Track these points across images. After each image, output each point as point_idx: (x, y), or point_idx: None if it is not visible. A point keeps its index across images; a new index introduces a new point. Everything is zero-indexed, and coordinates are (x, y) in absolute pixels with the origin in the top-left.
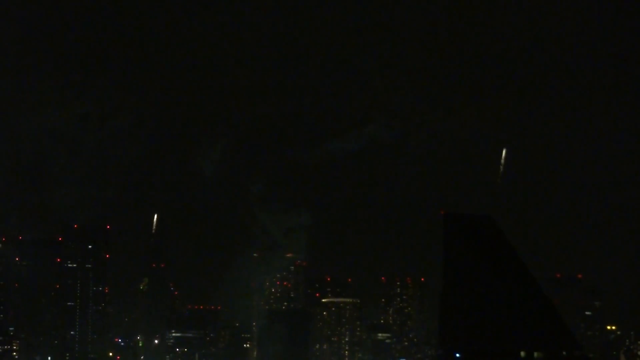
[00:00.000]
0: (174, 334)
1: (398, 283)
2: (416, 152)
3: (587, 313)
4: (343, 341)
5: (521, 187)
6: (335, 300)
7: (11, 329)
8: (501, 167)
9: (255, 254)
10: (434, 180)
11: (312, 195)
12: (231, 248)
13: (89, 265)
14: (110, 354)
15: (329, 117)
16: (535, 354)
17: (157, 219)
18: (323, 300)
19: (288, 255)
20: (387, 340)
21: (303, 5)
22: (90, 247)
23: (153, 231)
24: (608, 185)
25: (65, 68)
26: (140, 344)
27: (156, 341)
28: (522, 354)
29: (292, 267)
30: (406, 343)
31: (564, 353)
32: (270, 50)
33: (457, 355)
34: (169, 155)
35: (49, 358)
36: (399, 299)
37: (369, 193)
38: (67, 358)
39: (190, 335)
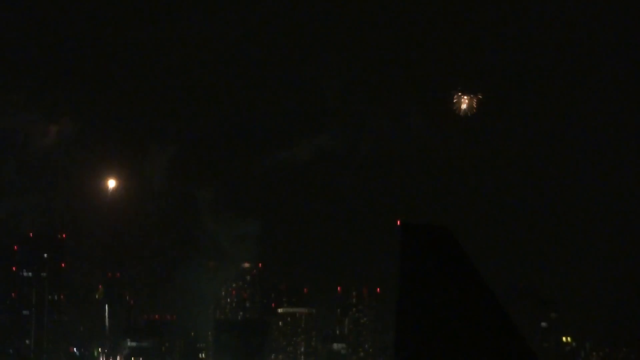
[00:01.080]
0: (129, 344)
1: (354, 293)
2: (367, 161)
3: (543, 324)
4: (299, 351)
5: (478, 197)
6: (291, 310)
7: None
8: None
9: (211, 264)
10: (389, 190)
11: (262, 205)
12: (186, 257)
13: (45, 274)
14: None
15: (279, 126)
16: None
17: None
18: (279, 310)
19: (244, 265)
20: (343, 351)
21: (251, 14)
22: (45, 255)
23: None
24: (563, 196)
25: (12, 73)
26: (95, 354)
27: (107, 350)
28: None
29: (248, 277)
30: (362, 354)
31: None
32: (220, 57)
33: None
34: (118, 161)
35: None
36: (354, 309)
37: (324, 202)
38: None
39: (145, 344)
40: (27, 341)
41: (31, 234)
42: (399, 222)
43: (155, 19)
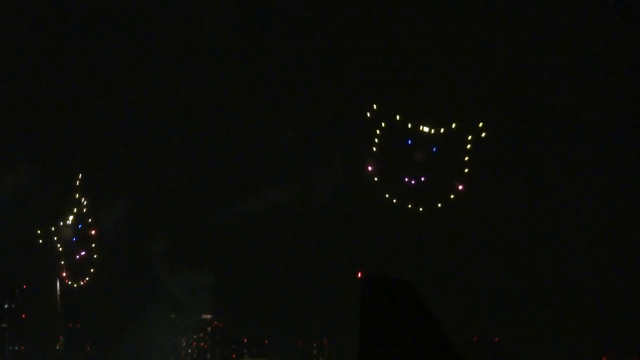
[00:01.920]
0: None
1: (314, 345)
2: (322, 213)
3: None
4: None
5: (438, 251)
6: None
7: None
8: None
9: (172, 315)
10: (347, 242)
11: (219, 257)
12: (145, 309)
13: (5, 325)
14: None
15: (231, 179)
16: None
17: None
18: None
19: (205, 316)
20: None
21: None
22: (5, 306)
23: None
24: (521, 248)
25: None
26: None
27: None
28: None
29: (209, 328)
30: None
31: None
32: (175, 109)
33: None
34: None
35: None
36: None
37: (283, 254)
38: None
39: None
40: None
41: None
42: (359, 274)
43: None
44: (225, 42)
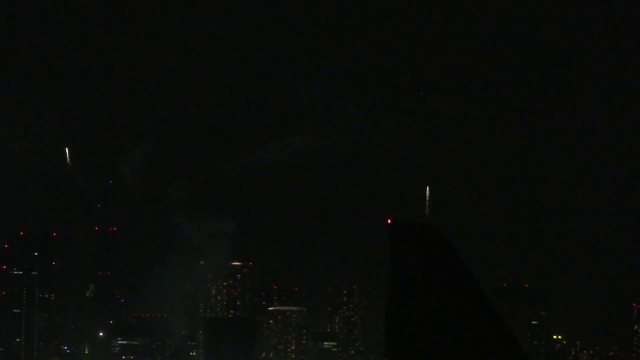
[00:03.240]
0: (120, 342)
1: (344, 291)
2: (343, 161)
3: (534, 322)
4: (289, 349)
5: (467, 196)
6: (282, 308)
7: None
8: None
9: (202, 262)
10: (374, 188)
11: (237, 203)
12: (167, 256)
13: (35, 273)
14: None
15: (251, 126)
16: None
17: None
18: (269, 308)
19: (234, 263)
20: (334, 349)
21: (229, 15)
22: (36, 254)
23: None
24: (552, 193)
25: None
26: (86, 352)
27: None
28: None
29: (239, 276)
30: (352, 352)
31: None
32: (197, 58)
33: None
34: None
35: None
36: (345, 307)
37: (310, 201)
38: None
39: (136, 342)
40: (17, 339)
41: (22, 232)
42: (389, 221)
43: (136, 21)
44: None
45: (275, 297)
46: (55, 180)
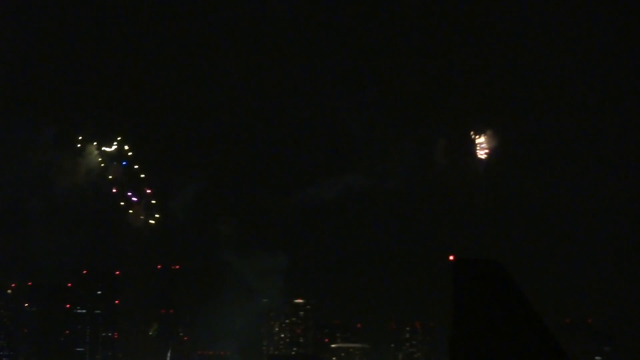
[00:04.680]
0: None
1: (407, 328)
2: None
3: (597, 358)
4: None
5: (529, 232)
6: (345, 345)
7: None
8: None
9: (265, 300)
10: (434, 225)
11: (290, 240)
12: (244, 294)
13: (98, 311)
14: None
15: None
16: None
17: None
18: (332, 345)
19: (297, 300)
20: None
21: (282, 49)
22: (99, 292)
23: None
24: (617, 230)
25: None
26: None
27: None
28: None
29: (301, 313)
30: None
31: None
32: (250, 95)
33: None
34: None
35: None
36: (408, 344)
37: (362, 237)
38: None
39: None
40: None
41: (85, 270)
42: (451, 258)
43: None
44: (296, 24)
45: (338, 334)
46: (107, 218)
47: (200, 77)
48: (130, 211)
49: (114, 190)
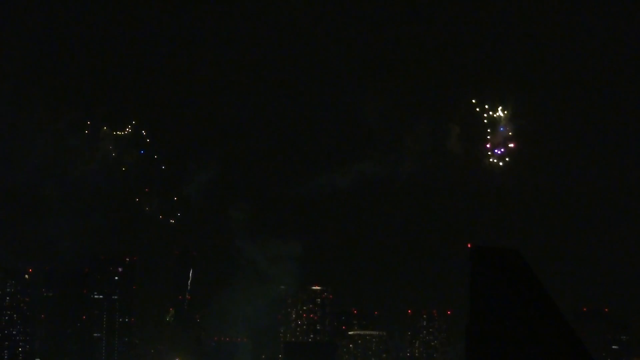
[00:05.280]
0: None
1: (424, 316)
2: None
3: (614, 347)
4: None
5: (547, 221)
6: (362, 332)
7: (37, 359)
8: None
9: (282, 287)
10: (453, 213)
11: (304, 227)
12: (257, 280)
13: (115, 297)
14: None
15: (317, 150)
16: None
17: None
18: (349, 332)
19: (314, 287)
20: None
21: (296, 36)
22: (116, 278)
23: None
24: (636, 219)
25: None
26: None
27: None
28: None
29: (319, 300)
30: None
31: None
32: (265, 82)
33: None
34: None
35: None
36: (425, 331)
37: (378, 225)
38: None
39: None
40: None
41: (102, 256)
42: (469, 245)
43: (203, 42)
44: (310, 11)
45: (355, 322)
46: (121, 203)
47: (214, 63)
48: (145, 196)
49: (129, 176)
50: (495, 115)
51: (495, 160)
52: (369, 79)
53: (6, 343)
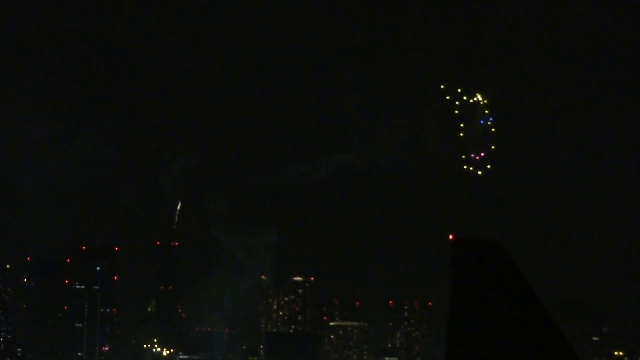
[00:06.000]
0: (181, 356)
1: (405, 307)
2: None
3: (595, 338)
4: None
5: (529, 212)
6: (343, 323)
7: (19, 349)
8: None
9: (263, 277)
10: (434, 204)
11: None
12: (237, 271)
13: (97, 287)
14: None
15: (295, 141)
16: None
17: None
18: (331, 323)
19: (296, 278)
20: None
21: (272, 28)
22: (98, 268)
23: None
24: (616, 210)
25: (34, 90)
26: None
27: None
28: None
29: (300, 291)
30: None
31: None
32: (243, 72)
33: None
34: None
35: None
36: (406, 322)
37: (369, 216)
38: None
39: (197, 357)
40: (79, 353)
41: (84, 246)
42: (451, 237)
43: (183, 33)
44: (289, 5)
45: (336, 312)
46: (98, 193)
47: (192, 52)
48: (124, 186)
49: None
50: (471, 101)
51: (472, 169)
52: (345, 71)
53: None
